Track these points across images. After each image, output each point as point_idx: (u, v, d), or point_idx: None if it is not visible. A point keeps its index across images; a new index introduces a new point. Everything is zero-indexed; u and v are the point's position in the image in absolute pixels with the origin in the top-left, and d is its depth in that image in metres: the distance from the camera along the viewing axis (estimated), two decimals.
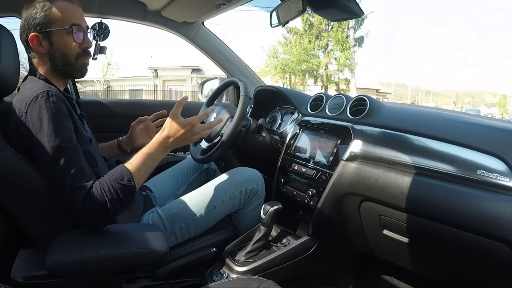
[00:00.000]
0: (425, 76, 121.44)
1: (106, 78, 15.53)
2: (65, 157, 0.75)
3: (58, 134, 0.75)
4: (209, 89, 1.76)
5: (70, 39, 0.86)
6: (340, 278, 1.26)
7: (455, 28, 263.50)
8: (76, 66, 0.90)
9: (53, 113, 0.76)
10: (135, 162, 0.83)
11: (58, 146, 0.75)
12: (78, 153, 0.78)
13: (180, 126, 0.88)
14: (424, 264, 0.99)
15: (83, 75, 0.94)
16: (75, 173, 0.75)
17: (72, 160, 0.76)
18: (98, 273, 0.74)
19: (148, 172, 0.86)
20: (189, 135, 0.90)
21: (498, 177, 0.73)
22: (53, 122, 0.76)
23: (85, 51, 0.91)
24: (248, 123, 1.23)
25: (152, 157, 0.86)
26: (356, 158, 0.98)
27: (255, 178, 1.16)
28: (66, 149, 0.76)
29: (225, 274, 1.05)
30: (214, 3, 1.36)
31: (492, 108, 36.51)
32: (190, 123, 0.89)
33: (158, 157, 0.87)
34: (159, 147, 0.87)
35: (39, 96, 0.77)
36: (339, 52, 14.45)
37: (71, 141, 0.78)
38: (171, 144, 0.88)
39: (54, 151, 0.74)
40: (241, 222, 1.19)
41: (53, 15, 0.84)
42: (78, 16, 0.88)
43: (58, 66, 0.87)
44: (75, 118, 0.84)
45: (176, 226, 1.03)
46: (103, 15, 1.51)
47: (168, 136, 0.88)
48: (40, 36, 0.85)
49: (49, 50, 0.86)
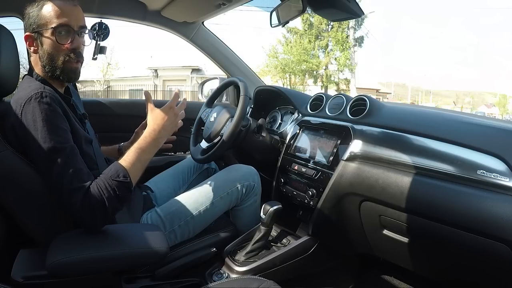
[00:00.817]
0: (425, 76, 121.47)
1: (106, 78, 15.52)
2: (61, 158, 0.75)
3: (52, 135, 0.75)
4: (209, 89, 1.76)
5: (55, 40, 0.83)
6: (340, 278, 1.26)
7: (455, 28, 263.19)
8: (63, 69, 0.86)
9: (47, 114, 0.76)
10: (129, 158, 0.83)
11: (54, 147, 0.75)
12: (74, 153, 0.78)
13: (161, 114, 0.90)
14: (424, 264, 0.99)
15: (72, 80, 0.90)
16: (72, 174, 0.75)
17: (69, 161, 0.76)
18: (98, 273, 0.74)
19: (143, 167, 0.86)
20: (173, 119, 0.91)
21: (498, 177, 0.73)
22: (47, 123, 0.75)
23: (75, 53, 0.86)
24: (248, 123, 1.23)
25: (145, 151, 0.86)
26: (356, 158, 0.98)
27: (250, 174, 1.17)
28: (62, 150, 0.76)
29: (225, 274, 1.05)
30: (214, 3, 1.36)
31: (492, 108, 36.50)
32: (169, 106, 0.91)
33: (152, 150, 0.88)
34: (150, 141, 0.87)
35: (32, 98, 0.76)
36: (339, 52, 14.45)
37: (67, 141, 0.77)
38: (160, 134, 0.89)
39: (50, 153, 0.74)
40: (238, 219, 1.19)
41: (42, 15, 0.83)
42: (68, 16, 0.84)
43: (46, 68, 0.85)
44: (72, 119, 0.84)
45: (175, 224, 1.04)
46: (103, 15, 1.51)
47: (154, 128, 0.89)
48: (32, 36, 0.84)
49: (39, 51, 0.85)
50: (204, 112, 1.35)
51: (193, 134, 1.35)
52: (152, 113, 0.91)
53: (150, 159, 0.88)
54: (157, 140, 0.88)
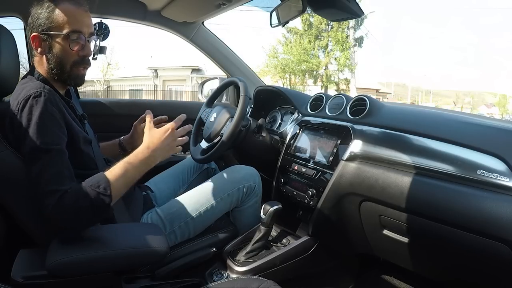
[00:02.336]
0: (425, 76, 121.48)
1: (106, 78, 15.52)
2: (44, 158, 0.74)
3: (41, 135, 0.75)
4: (209, 89, 1.76)
5: (67, 46, 0.83)
6: (340, 278, 1.26)
7: (454, 28, 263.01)
8: (71, 75, 0.87)
9: (41, 113, 0.76)
10: (115, 171, 0.79)
11: (39, 147, 0.74)
12: (60, 156, 0.76)
13: (158, 133, 0.86)
14: (424, 264, 0.99)
15: (78, 85, 0.92)
16: (51, 176, 0.73)
17: (52, 162, 0.74)
18: (98, 273, 0.74)
19: (127, 184, 0.81)
20: (170, 141, 0.87)
21: (498, 177, 0.73)
22: (40, 123, 0.75)
23: (83, 60, 0.87)
24: (248, 123, 1.23)
25: (133, 168, 0.82)
26: (356, 158, 0.98)
27: (251, 175, 1.17)
28: (47, 151, 0.74)
29: (225, 274, 1.05)
30: (214, 3, 1.36)
31: (492, 108, 36.49)
32: (168, 128, 0.87)
33: (141, 169, 0.83)
34: (141, 158, 0.83)
35: (31, 97, 0.77)
36: (339, 52, 14.45)
37: (55, 144, 0.76)
38: (153, 153, 0.84)
39: (34, 151, 0.74)
40: (239, 220, 1.19)
41: (55, 18, 0.82)
42: (81, 22, 0.84)
43: (54, 70, 0.86)
44: (70, 120, 0.84)
45: (175, 225, 1.03)
46: (103, 15, 1.51)
47: (148, 146, 0.85)
48: (41, 37, 0.84)
49: (47, 53, 0.85)
50: (204, 112, 1.35)
51: (193, 134, 1.35)
52: (149, 131, 0.88)
53: (138, 177, 0.84)
54: (148, 159, 0.84)
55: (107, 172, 0.80)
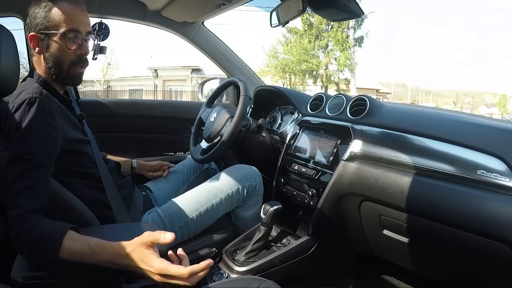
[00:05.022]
0: (425, 76, 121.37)
1: (106, 78, 15.53)
2: (21, 167, 0.72)
3: (25, 144, 0.74)
4: (209, 89, 1.76)
5: (64, 45, 0.83)
6: (340, 278, 1.26)
7: (455, 28, 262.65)
8: (69, 74, 0.86)
9: (30, 121, 0.75)
10: (80, 243, 0.69)
11: (19, 155, 0.72)
12: (36, 171, 0.72)
13: (148, 259, 0.66)
14: (424, 264, 0.99)
15: (76, 84, 0.91)
16: (21, 189, 0.70)
17: (25, 174, 0.71)
18: (98, 273, 0.74)
19: (81, 261, 0.69)
20: (150, 275, 0.67)
21: (498, 177, 0.73)
22: (27, 131, 0.74)
23: (81, 59, 0.87)
24: (248, 123, 1.23)
25: (95, 255, 0.68)
26: (356, 158, 0.98)
27: (252, 175, 1.17)
28: (26, 162, 0.72)
29: (225, 274, 1.05)
30: (214, 3, 1.36)
31: (492, 108, 36.48)
32: (164, 268, 0.65)
33: (102, 262, 0.68)
34: (109, 255, 0.68)
35: (25, 102, 0.76)
36: (339, 52, 14.46)
37: (36, 156, 0.73)
38: (123, 263, 0.68)
39: (14, 157, 0.73)
40: (240, 220, 1.19)
41: (52, 17, 0.82)
42: (78, 21, 0.84)
43: (52, 70, 0.85)
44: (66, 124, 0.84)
45: (175, 225, 1.03)
46: (103, 15, 1.51)
47: (126, 254, 0.67)
48: (39, 36, 0.83)
49: (45, 52, 0.84)
50: (204, 112, 1.35)
51: (193, 134, 1.35)
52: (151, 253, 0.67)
53: (95, 263, 0.69)
54: (114, 262, 0.68)
55: (75, 234, 0.70)
